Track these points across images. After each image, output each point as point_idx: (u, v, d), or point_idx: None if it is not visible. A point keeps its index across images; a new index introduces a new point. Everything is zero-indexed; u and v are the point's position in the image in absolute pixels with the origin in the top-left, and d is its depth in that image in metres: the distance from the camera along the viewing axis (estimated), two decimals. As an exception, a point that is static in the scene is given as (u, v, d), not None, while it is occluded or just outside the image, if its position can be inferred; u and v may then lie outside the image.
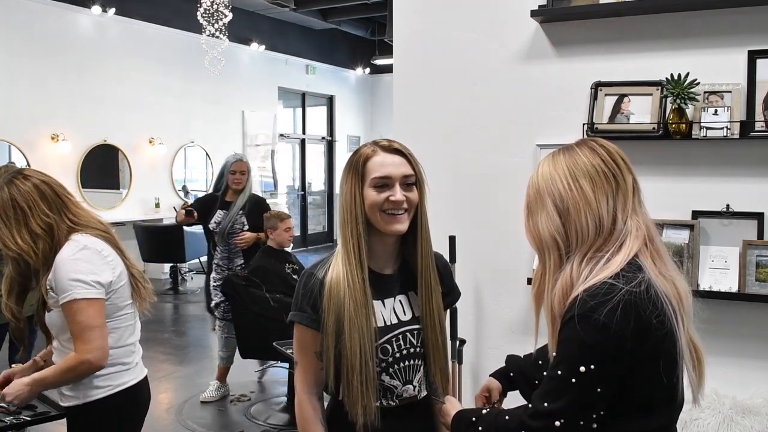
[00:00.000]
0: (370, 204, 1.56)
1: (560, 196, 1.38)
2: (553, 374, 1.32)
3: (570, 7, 2.63)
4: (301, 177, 13.16)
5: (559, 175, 1.39)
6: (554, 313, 1.37)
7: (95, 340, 1.98)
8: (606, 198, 1.37)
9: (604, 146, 1.42)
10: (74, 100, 8.53)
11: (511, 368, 1.76)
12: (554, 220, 1.38)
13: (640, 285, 1.29)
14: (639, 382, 1.31)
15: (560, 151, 1.45)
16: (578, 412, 1.29)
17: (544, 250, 1.41)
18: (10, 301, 2.15)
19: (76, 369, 2.00)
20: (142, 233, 8.56)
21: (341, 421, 1.59)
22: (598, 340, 1.26)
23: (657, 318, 1.28)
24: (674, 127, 2.42)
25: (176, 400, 4.80)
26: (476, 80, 2.82)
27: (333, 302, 1.54)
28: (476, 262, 2.84)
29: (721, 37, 2.45)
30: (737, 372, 2.44)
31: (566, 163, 1.40)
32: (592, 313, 1.27)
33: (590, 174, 1.38)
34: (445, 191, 2.79)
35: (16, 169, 2.20)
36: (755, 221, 2.41)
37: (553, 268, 1.39)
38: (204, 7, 7.54)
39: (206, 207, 4.83)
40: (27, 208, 2.01)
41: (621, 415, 1.32)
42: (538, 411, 1.32)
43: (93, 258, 2.04)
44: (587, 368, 1.27)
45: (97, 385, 2.07)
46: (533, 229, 1.43)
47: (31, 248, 2.01)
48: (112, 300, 2.07)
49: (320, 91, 13.12)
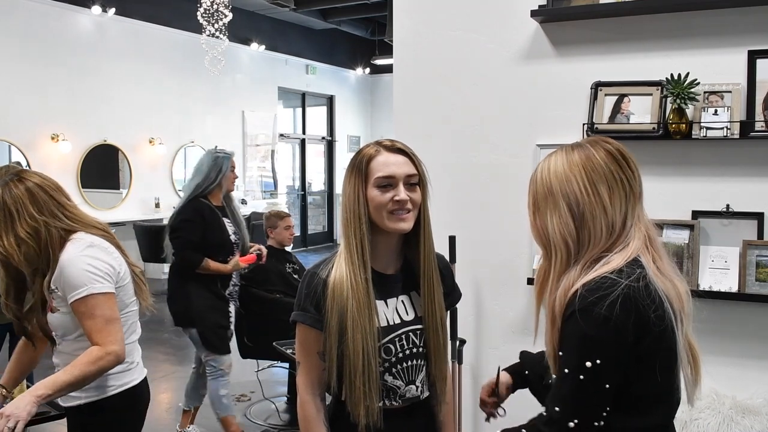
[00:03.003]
0: (375, 204, 1.56)
1: (576, 200, 1.36)
2: (560, 374, 1.32)
3: (570, 7, 2.63)
4: (301, 177, 13.16)
5: (575, 177, 1.36)
6: (555, 312, 1.36)
7: (117, 332, 1.98)
8: (620, 204, 1.36)
9: (619, 150, 1.39)
10: (74, 100, 8.53)
11: (525, 364, 1.75)
12: (567, 223, 1.36)
13: (639, 280, 1.29)
14: (636, 379, 1.31)
15: (573, 149, 1.41)
16: (589, 410, 1.29)
17: (551, 249, 1.39)
18: (9, 300, 2.15)
19: (101, 361, 1.92)
20: (142, 233, 8.56)
21: (343, 421, 1.59)
22: (601, 334, 1.27)
23: (655, 312, 1.29)
24: (674, 127, 2.42)
25: (176, 400, 4.79)
26: (476, 80, 2.83)
27: (336, 302, 1.54)
28: (476, 262, 2.84)
29: (721, 37, 2.45)
30: (737, 372, 2.44)
31: (583, 165, 1.37)
32: (593, 307, 1.27)
33: (608, 180, 1.36)
34: (445, 191, 2.79)
35: (16, 170, 2.19)
36: (755, 221, 2.41)
37: (559, 268, 1.38)
38: (204, 7, 7.54)
39: (214, 218, 3.72)
40: (15, 211, 2.01)
41: (617, 412, 1.32)
42: (551, 417, 1.32)
43: (101, 254, 2.05)
44: (593, 363, 1.27)
45: (100, 384, 2.06)
46: (541, 227, 1.42)
47: (15, 251, 2.01)
48: (119, 296, 2.08)
49: (320, 91, 13.12)
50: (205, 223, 3.63)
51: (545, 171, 1.41)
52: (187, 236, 3.60)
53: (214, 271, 3.67)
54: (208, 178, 3.71)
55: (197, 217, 3.63)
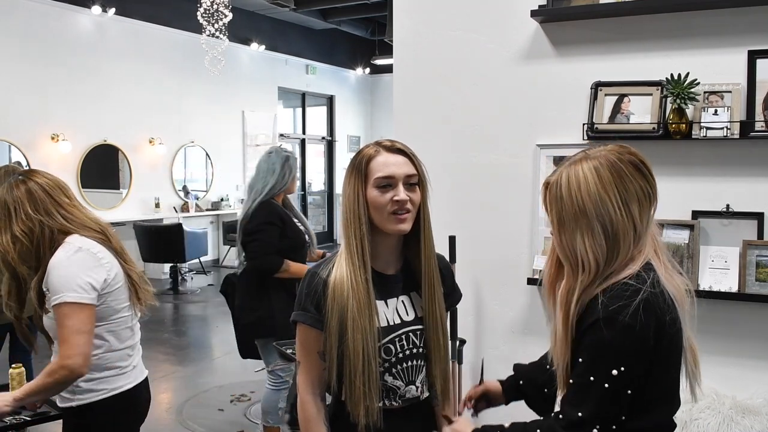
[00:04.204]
0: (374, 205, 1.56)
1: (611, 221, 1.33)
2: (583, 381, 1.32)
3: (570, 7, 2.63)
4: (301, 177, 13.16)
5: (610, 199, 1.33)
6: (571, 321, 1.36)
7: (79, 346, 1.96)
8: (646, 216, 1.37)
9: (643, 161, 1.38)
10: (74, 100, 8.53)
11: (519, 376, 1.75)
12: (601, 245, 1.34)
13: (655, 285, 1.31)
14: (651, 381, 1.32)
15: (603, 166, 1.36)
16: (612, 416, 1.30)
17: (579, 267, 1.37)
18: (11, 300, 2.16)
19: (56, 374, 1.97)
20: (142, 233, 8.56)
21: (343, 421, 1.59)
22: (626, 342, 1.28)
23: (669, 315, 1.31)
24: (674, 127, 2.42)
25: (176, 400, 4.80)
26: (476, 80, 2.82)
27: (336, 302, 1.54)
28: (476, 262, 2.84)
29: (721, 37, 2.45)
30: (737, 372, 2.44)
31: (616, 185, 1.34)
32: (616, 315, 1.28)
33: (639, 197, 1.35)
34: (445, 191, 2.79)
35: (24, 171, 2.22)
36: (755, 221, 2.41)
37: (586, 284, 1.35)
38: (204, 7, 7.55)
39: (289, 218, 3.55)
40: (13, 210, 2.05)
41: (629, 413, 1.32)
42: (572, 421, 1.32)
43: (87, 260, 2.04)
44: (619, 371, 1.28)
45: (91, 388, 2.07)
46: (569, 246, 1.38)
47: (11, 248, 2.04)
48: (107, 302, 2.07)
49: (320, 91, 13.13)
50: (284, 225, 3.49)
51: (575, 188, 1.36)
52: (266, 239, 3.41)
53: (294, 274, 3.45)
54: (282, 180, 3.52)
55: (276, 219, 3.46)
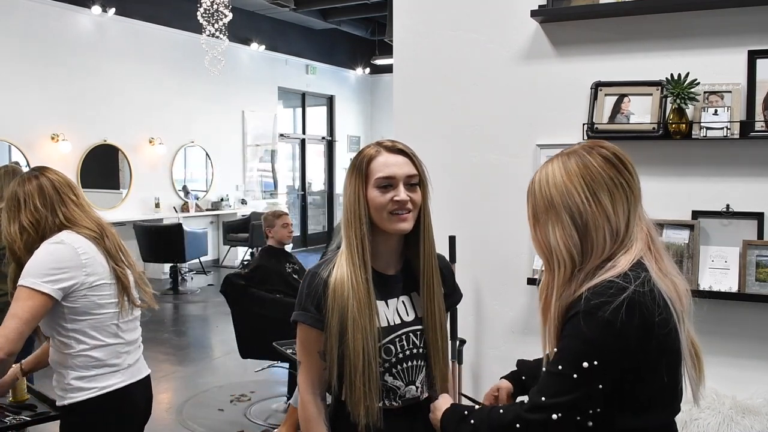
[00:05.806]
0: (375, 205, 1.56)
1: (579, 211, 1.34)
2: (553, 370, 1.32)
3: (570, 7, 2.63)
4: (301, 177, 13.16)
5: (575, 188, 1.34)
6: (557, 319, 1.36)
7: (11, 331, 1.93)
8: (622, 209, 1.35)
9: (615, 154, 1.38)
10: (74, 100, 8.53)
11: (523, 372, 1.75)
12: (571, 235, 1.34)
13: (644, 284, 1.29)
14: (642, 380, 1.31)
15: (569, 157, 1.39)
16: (576, 408, 1.30)
17: (554, 261, 1.37)
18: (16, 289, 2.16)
19: None
20: (142, 233, 8.57)
21: (344, 421, 1.59)
22: (602, 337, 1.27)
23: (660, 316, 1.29)
24: (674, 127, 2.42)
25: (176, 400, 4.80)
26: (476, 80, 2.83)
27: (336, 302, 1.54)
28: (476, 262, 2.84)
29: (721, 37, 2.45)
30: (737, 372, 2.44)
31: (581, 174, 1.35)
32: (596, 310, 1.27)
33: (608, 186, 1.34)
34: (445, 191, 2.79)
35: (37, 167, 2.26)
36: (755, 221, 2.41)
37: (562, 280, 1.36)
38: (204, 7, 7.55)
39: None
40: (23, 201, 2.12)
41: (622, 412, 1.32)
42: (535, 404, 1.32)
43: (64, 253, 2.04)
44: (590, 364, 1.27)
45: (81, 387, 2.06)
46: (543, 240, 1.39)
47: (18, 238, 2.10)
48: (88, 296, 2.05)
49: (320, 91, 13.12)
50: None
51: (543, 182, 1.39)
52: None
53: None
54: None
55: None
